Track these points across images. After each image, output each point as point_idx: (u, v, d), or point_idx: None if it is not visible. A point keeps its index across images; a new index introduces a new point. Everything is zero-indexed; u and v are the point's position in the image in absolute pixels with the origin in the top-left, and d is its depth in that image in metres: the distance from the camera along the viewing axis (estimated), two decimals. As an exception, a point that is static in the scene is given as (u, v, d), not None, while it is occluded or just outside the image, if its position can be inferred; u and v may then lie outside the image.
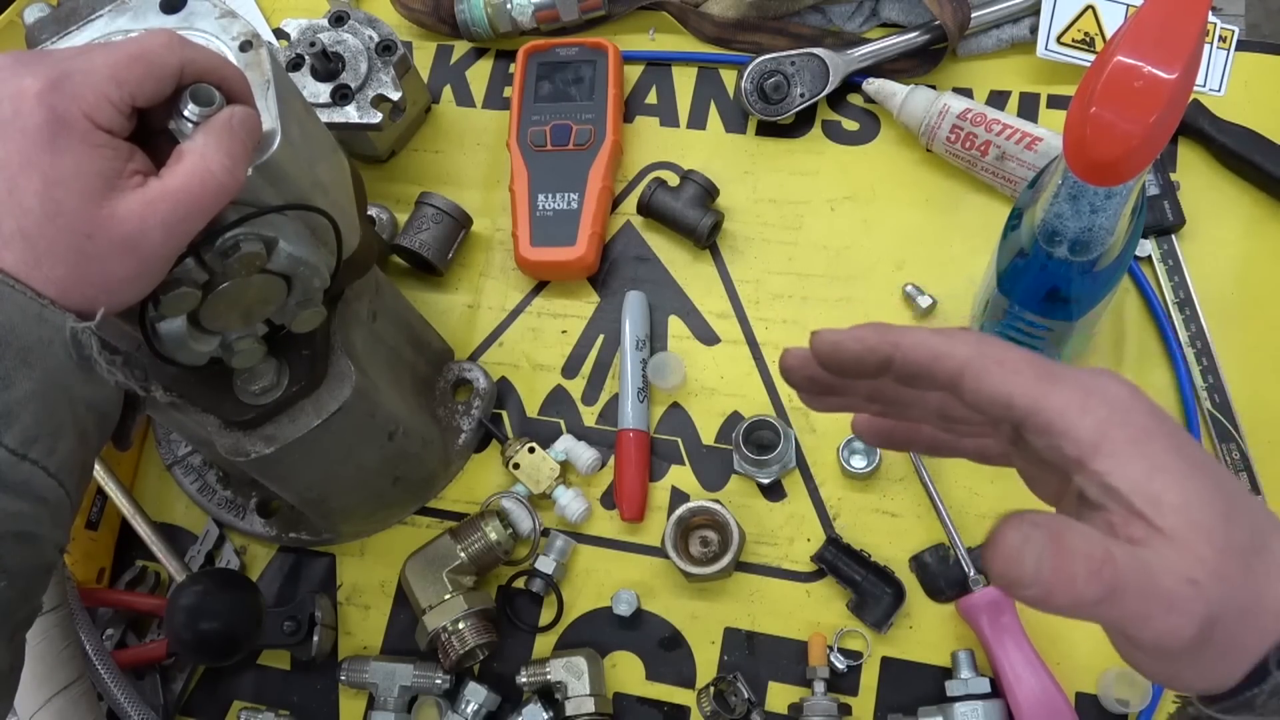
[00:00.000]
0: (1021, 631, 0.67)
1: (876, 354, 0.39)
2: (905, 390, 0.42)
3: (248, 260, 0.49)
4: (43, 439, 0.42)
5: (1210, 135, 0.77)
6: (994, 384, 0.37)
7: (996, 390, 0.37)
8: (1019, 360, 0.37)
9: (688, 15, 0.86)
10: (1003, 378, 0.37)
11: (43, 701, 0.62)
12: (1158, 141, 0.49)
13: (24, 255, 0.42)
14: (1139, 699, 0.66)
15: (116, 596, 0.75)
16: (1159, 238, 0.76)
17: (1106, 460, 0.35)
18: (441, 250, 0.80)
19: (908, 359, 0.38)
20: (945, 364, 0.38)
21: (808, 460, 0.75)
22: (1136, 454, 0.35)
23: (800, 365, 0.43)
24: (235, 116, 0.47)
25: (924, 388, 0.39)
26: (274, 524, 0.76)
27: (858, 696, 0.70)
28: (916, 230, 0.80)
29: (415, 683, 0.71)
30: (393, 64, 0.77)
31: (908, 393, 0.43)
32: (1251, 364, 0.73)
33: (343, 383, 0.61)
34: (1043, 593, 0.33)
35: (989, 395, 0.37)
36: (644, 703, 0.72)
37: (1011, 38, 0.82)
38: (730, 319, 0.79)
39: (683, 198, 0.80)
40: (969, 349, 0.37)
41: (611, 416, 0.78)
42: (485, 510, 0.75)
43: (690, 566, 0.70)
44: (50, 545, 0.45)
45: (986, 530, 0.71)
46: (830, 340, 0.40)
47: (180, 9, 0.54)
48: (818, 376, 0.42)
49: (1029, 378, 0.36)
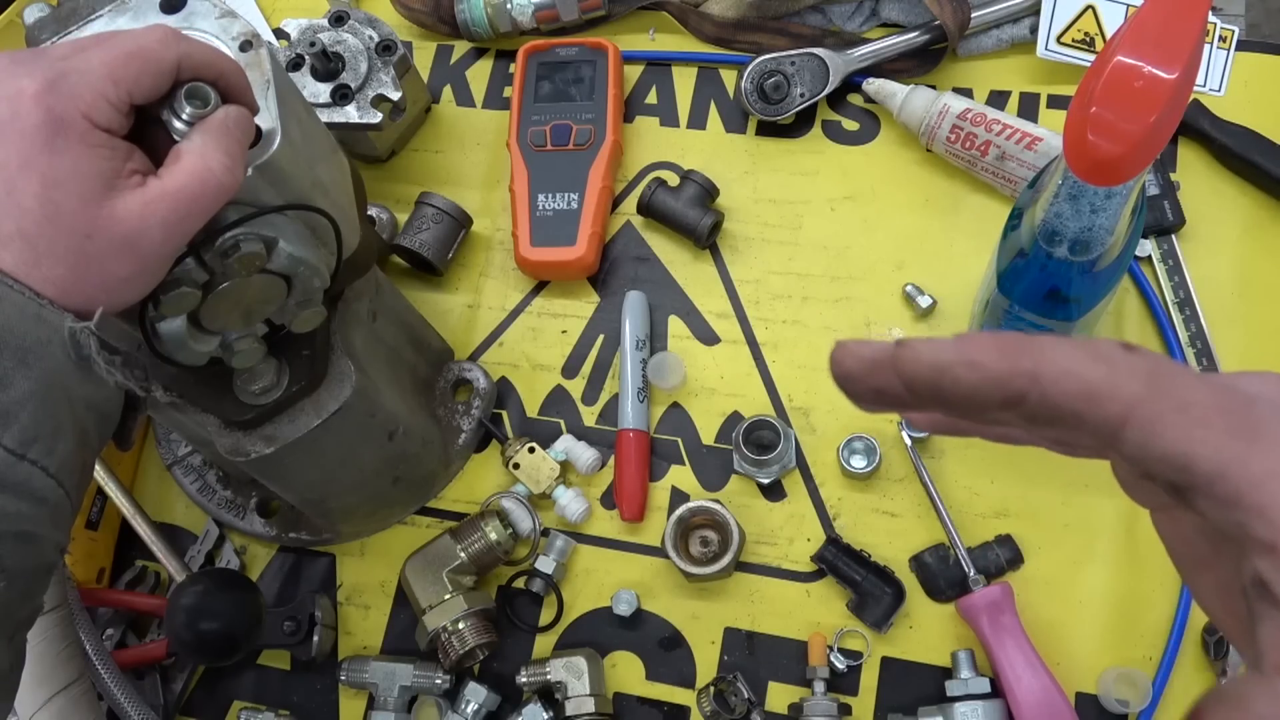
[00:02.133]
0: (1021, 631, 0.67)
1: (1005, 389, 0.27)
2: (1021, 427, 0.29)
3: (248, 260, 0.49)
4: (42, 439, 0.42)
5: (1210, 135, 0.77)
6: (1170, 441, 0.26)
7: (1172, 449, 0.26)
8: (1208, 408, 0.26)
9: (688, 15, 0.86)
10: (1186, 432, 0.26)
11: (43, 701, 0.62)
12: (1158, 141, 0.49)
13: (23, 255, 0.42)
14: (1139, 699, 0.66)
15: (116, 596, 0.75)
16: (1159, 238, 0.76)
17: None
18: (441, 250, 0.80)
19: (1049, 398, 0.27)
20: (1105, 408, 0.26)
21: (808, 460, 0.75)
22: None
23: (865, 373, 0.29)
24: (230, 116, 0.47)
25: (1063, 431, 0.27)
26: (274, 524, 0.76)
27: (858, 696, 0.70)
28: (916, 230, 0.80)
29: (415, 683, 0.71)
30: (393, 64, 0.77)
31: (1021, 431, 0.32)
32: (1251, 364, 0.73)
33: (343, 383, 0.61)
34: None
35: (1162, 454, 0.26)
36: (644, 703, 0.72)
37: (1011, 38, 0.82)
38: (730, 319, 0.79)
39: (683, 198, 0.80)
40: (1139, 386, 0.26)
41: (611, 416, 0.78)
42: (485, 510, 0.75)
43: (690, 566, 0.70)
44: (50, 545, 0.45)
45: (987, 530, 0.71)
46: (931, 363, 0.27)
47: (180, 9, 0.54)
48: (892, 392, 0.29)
49: (1219, 432, 0.26)
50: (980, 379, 0.27)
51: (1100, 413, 0.26)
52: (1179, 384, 0.27)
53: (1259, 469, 0.26)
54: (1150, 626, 0.68)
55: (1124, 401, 0.26)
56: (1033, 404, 0.27)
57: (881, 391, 0.29)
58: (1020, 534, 0.71)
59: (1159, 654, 0.68)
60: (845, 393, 0.31)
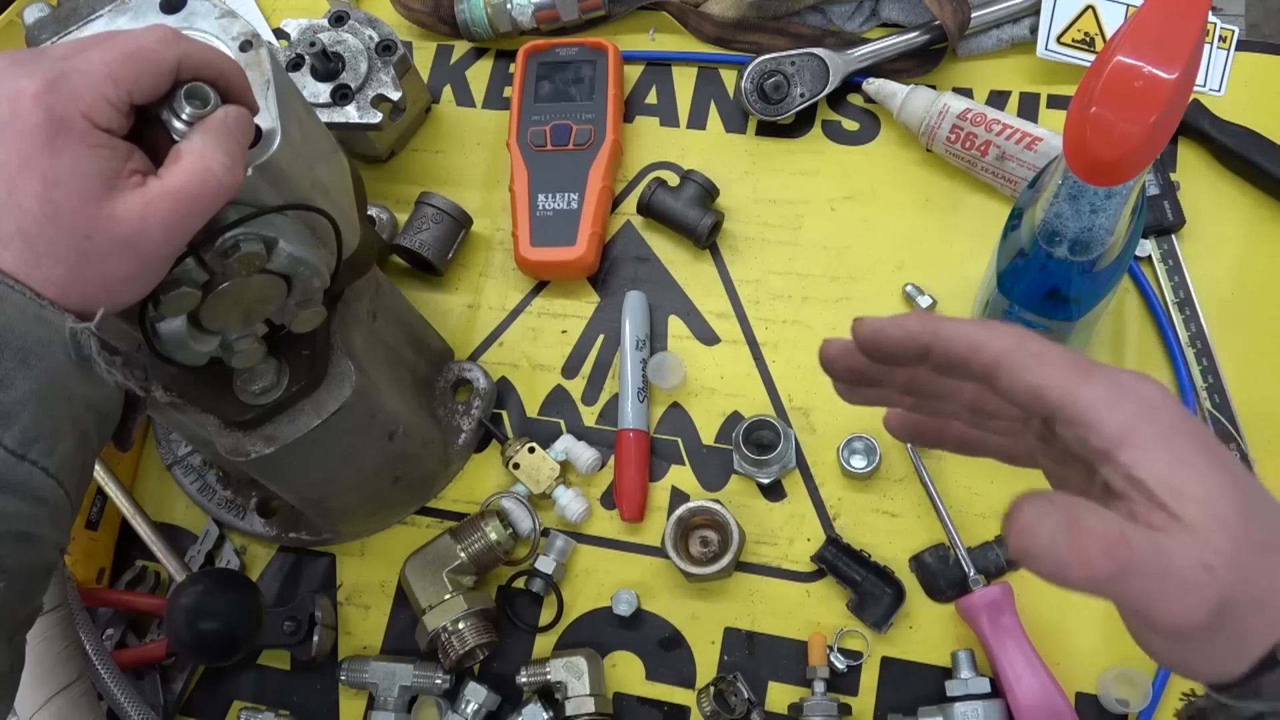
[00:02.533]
0: (1021, 631, 0.67)
1: (917, 341, 0.40)
2: (941, 381, 0.43)
3: (248, 260, 0.49)
4: (42, 439, 0.42)
5: (1210, 135, 0.77)
6: (1029, 376, 0.38)
7: (1031, 382, 0.38)
8: (1055, 354, 0.38)
9: (688, 15, 0.86)
10: (1038, 370, 0.38)
11: (43, 701, 0.62)
12: (1158, 141, 0.49)
13: (23, 256, 0.42)
14: (1139, 699, 0.66)
15: (116, 596, 0.75)
16: (1159, 238, 0.76)
17: (1133, 453, 0.36)
18: (441, 250, 0.80)
19: (946, 348, 0.40)
20: (982, 354, 0.39)
21: (808, 460, 0.75)
22: (1162, 449, 0.36)
23: (840, 355, 0.44)
24: (230, 116, 0.47)
25: (960, 378, 0.40)
26: (274, 524, 0.76)
27: (858, 696, 0.70)
28: (916, 230, 0.80)
29: (415, 683, 0.71)
30: (393, 64, 0.77)
31: (944, 383, 0.44)
32: (1251, 364, 0.73)
33: (343, 383, 0.61)
34: (1057, 566, 0.34)
35: (1024, 387, 0.38)
36: (644, 703, 0.72)
37: (1011, 38, 0.82)
38: (730, 319, 0.79)
39: (683, 198, 0.80)
40: (1007, 341, 0.38)
41: (611, 416, 0.78)
42: (485, 510, 0.75)
43: (690, 566, 0.70)
44: (50, 546, 0.45)
45: (987, 530, 0.71)
46: (872, 327, 0.41)
47: (180, 9, 0.54)
48: (857, 366, 0.44)
49: (1064, 371, 0.37)
50: (903, 335, 0.40)
51: (980, 358, 0.39)
52: (1035, 341, 0.38)
53: (1091, 395, 0.37)
54: (1150, 626, 0.68)
55: (996, 350, 0.38)
56: (937, 353, 0.40)
57: (851, 369, 0.44)
58: (1020, 534, 0.71)
59: (1159, 654, 0.68)
60: (829, 375, 0.44)
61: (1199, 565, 0.35)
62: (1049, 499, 0.35)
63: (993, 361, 0.38)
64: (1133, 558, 0.34)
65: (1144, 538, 0.35)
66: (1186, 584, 0.35)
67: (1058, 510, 0.35)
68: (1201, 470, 0.36)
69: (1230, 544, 0.35)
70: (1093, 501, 0.37)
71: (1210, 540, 0.35)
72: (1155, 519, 0.36)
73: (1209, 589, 0.35)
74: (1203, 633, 0.36)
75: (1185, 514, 0.35)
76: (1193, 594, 0.35)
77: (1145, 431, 0.36)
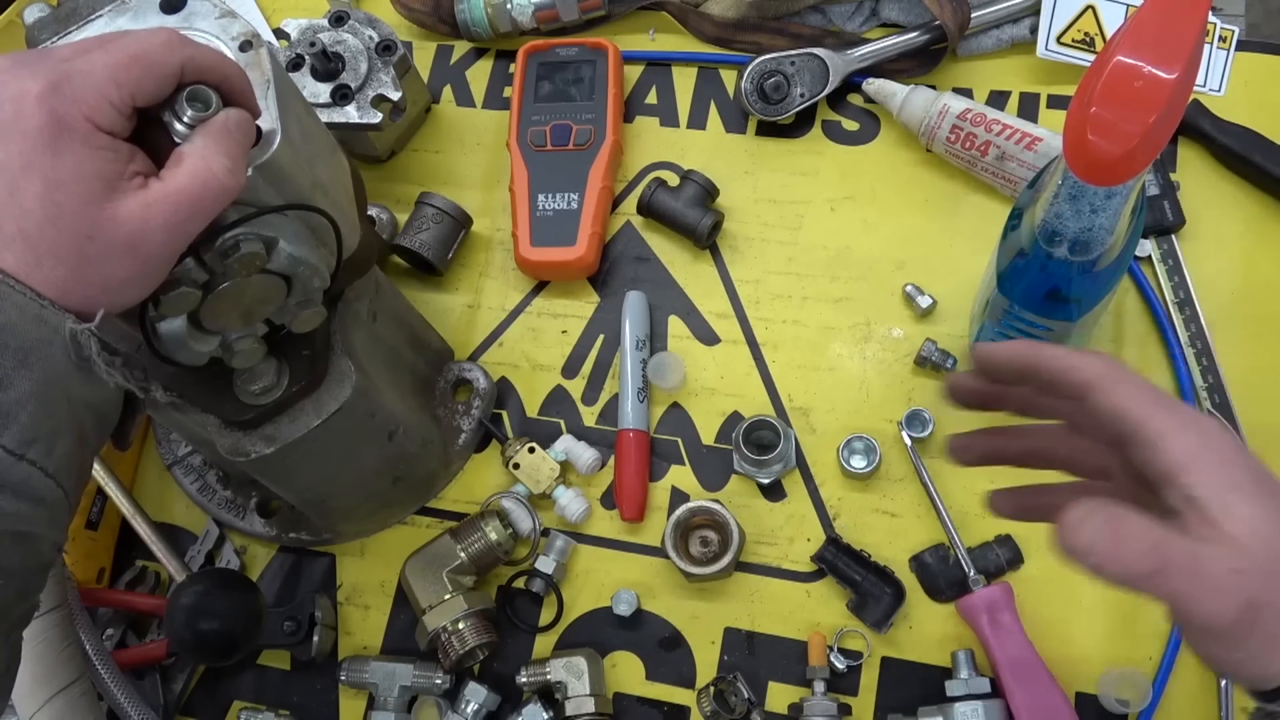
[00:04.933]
0: (1021, 631, 0.67)
1: (1022, 360, 0.48)
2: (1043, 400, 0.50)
3: (248, 260, 0.49)
4: (41, 439, 0.42)
5: (1210, 135, 0.77)
6: (1115, 398, 0.44)
7: (1116, 404, 0.44)
8: (1139, 383, 0.45)
9: (688, 15, 0.86)
10: (1125, 394, 0.44)
11: (43, 701, 0.62)
12: (1158, 141, 0.49)
13: (24, 256, 0.42)
14: (1139, 699, 0.66)
15: (116, 596, 0.75)
16: (1159, 238, 0.76)
17: (1193, 475, 0.42)
18: (441, 250, 0.80)
19: (1047, 366, 0.47)
20: (1077, 375, 0.45)
21: (808, 460, 0.75)
22: (1219, 474, 0.42)
23: (963, 383, 0.52)
24: (232, 119, 0.47)
25: (1058, 395, 0.47)
26: (274, 524, 0.76)
27: (858, 696, 0.70)
28: (916, 230, 0.80)
29: (415, 683, 0.71)
30: (393, 64, 0.77)
31: (1045, 402, 0.51)
32: (1251, 364, 0.73)
33: (343, 383, 0.61)
34: (1099, 561, 0.40)
35: (1109, 407, 0.44)
36: (644, 703, 0.72)
37: (1011, 38, 0.82)
38: (730, 319, 0.79)
39: (683, 198, 0.80)
40: (1100, 367, 0.45)
41: (611, 416, 0.78)
42: (485, 510, 0.75)
43: (690, 566, 0.70)
44: (48, 545, 0.45)
45: (987, 530, 0.71)
46: (985, 349, 0.49)
47: (180, 9, 0.54)
48: (976, 389, 0.52)
49: (1145, 399, 0.44)
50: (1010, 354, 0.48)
51: (1075, 378, 0.46)
52: (1125, 371, 0.45)
53: (1164, 424, 0.43)
54: (1150, 626, 0.68)
55: (1088, 374, 0.45)
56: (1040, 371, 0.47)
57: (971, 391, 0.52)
58: (1020, 534, 0.71)
59: (1159, 654, 0.68)
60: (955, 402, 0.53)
61: (1229, 570, 0.40)
62: (1098, 503, 0.41)
63: (1085, 383, 0.45)
64: (1168, 559, 0.40)
65: (1180, 543, 0.40)
66: (1216, 585, 0.40)
67: (1103, 512, 0.40)
68: (1250, 494, 0.41)
69: (1265, 555, 0.40)
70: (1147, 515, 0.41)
71: (1246, 551, 0.40)
72: (1203, 532, 0.41)
73: (1237, 591, 0.40)
74: (1235, 632, 0.40)
75: (1229, 528, 0.40)
76: (1221, 594, 0.40)
77: (1206, 458, 0.42)
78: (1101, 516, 0.40)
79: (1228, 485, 0.41)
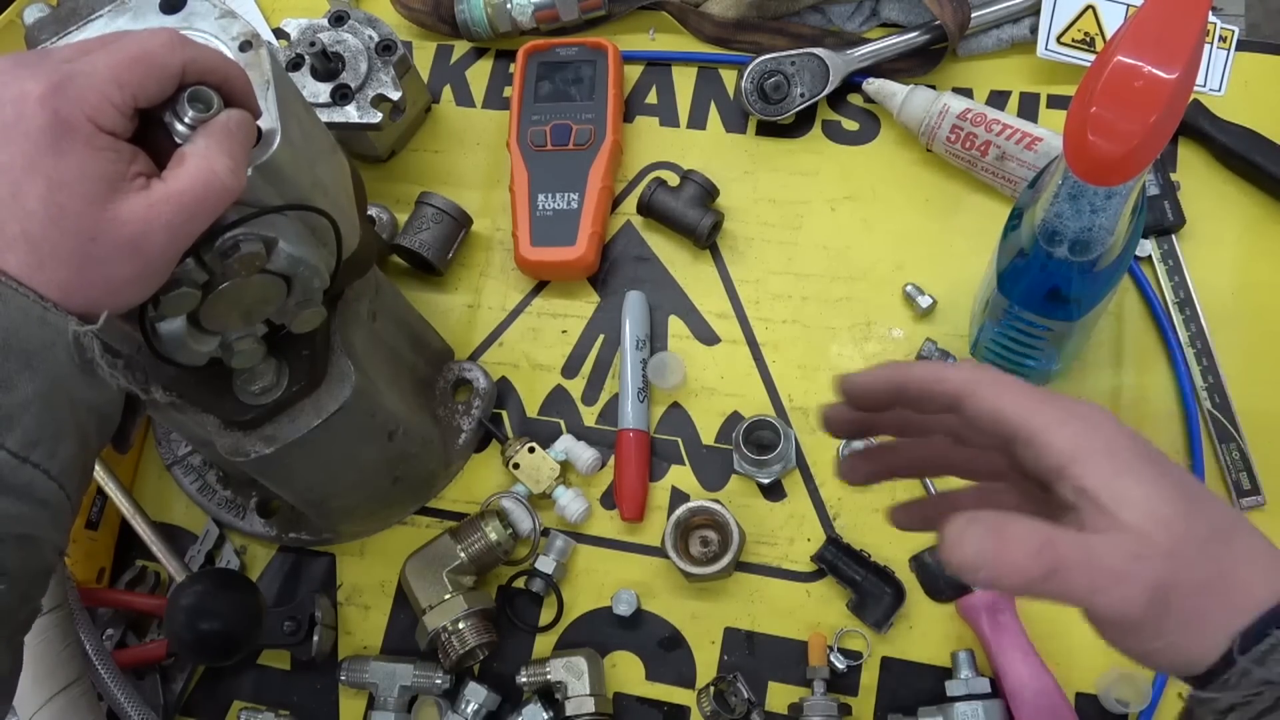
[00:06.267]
0: (1021, 631, 0.67)
1: (887, 382, 0.46)
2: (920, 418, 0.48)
3: (248, 260, 0.49)
4: (44, 442, 0.42)
5: (1210, 135, 0.77)
6: (989, 402, 0.42)
7: (991, 407, 0.42)
8: (1010, 383, 0.43)
9: (688, 15, 0.86)
10: (998, 395, 0.42)
11: (43, 701, 0.62)
12: (1158, 141, 0.49)
13: (27, 258, 0.42)
14: (1139, 699, 0.66)
15: (116, 596, 0.75)
16: (1159, 238, 0.76)
17: (1080, 466, 0.40)
18: (441, 250, 0.80)
19: (914, 385, 0.45)
20: (945, 387, 0.44)
21: (808, 460, 0.75)
22: (1106, 461, 0.40)
23: (836, 414, 0.50)
24: (233, 119, 0.47)
25: (932, 410, 0.45)
26: (274, 524, 0.76)
27: (858, 696, 0.70)
28: (916, 230, 0.80)
29: (415, 683, 0.71)
30: (393, 64, 0.77)
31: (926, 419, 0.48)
32: (1251, 364, 0.73)
33: (343, 383, 0.61)
34: (991, 574, 0.38)
35: (985, 411, 0.42)
36: (644, 703, 0.72)
37: (1011, 38, 0.82)
38: (730, 319, 0.80)
39: (683, 198, 0.80)
40: (966, 373, 0.44)
41: (611, 416, 0.78)
42: (485, 510, 0.75)
43: (690, 566, 0.70)
44: (50, 548, 0.45)
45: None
46: (849, 380, 0.47)
47: (180, 9, 0.54)
48: (852, 419, 0.49)
49: (1020, 398, 0.42)
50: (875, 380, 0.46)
51: (944, 389, 0.44)
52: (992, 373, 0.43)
53: (1043, 419, 0.41)
54: (1150, 626, 0.68)
55: (955, 383, 0.44)
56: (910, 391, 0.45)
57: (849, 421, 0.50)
58: (1020, 534, 0.71)
59: (1159, 654, 0.68)
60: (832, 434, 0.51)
61: (1129, 557, 0.38)
62: (971, 516, 0.39)
63: (955, 392, 0.43)
64: (1061, 557, 0.38)
65: (1071, 538, 0.39)
66: (1118, 575, 0.38)
67: (982, 521, 0.38)
68: (1141, 477, 0.40)
69: (1166, 537, 0.38)
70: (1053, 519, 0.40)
71: (1143, 535, 0.38)
72: (1099, 523, 0.39)
73: (1141, 578, 0.38)
74: (1150, 620, 0.39)
75: (1124, 516, 0.39)
76: (1125, 584, 0.38)
77: (1090, 447, 0.40)
78: (981, 525, 0.38)
79: (1117, 471, 0.39)
